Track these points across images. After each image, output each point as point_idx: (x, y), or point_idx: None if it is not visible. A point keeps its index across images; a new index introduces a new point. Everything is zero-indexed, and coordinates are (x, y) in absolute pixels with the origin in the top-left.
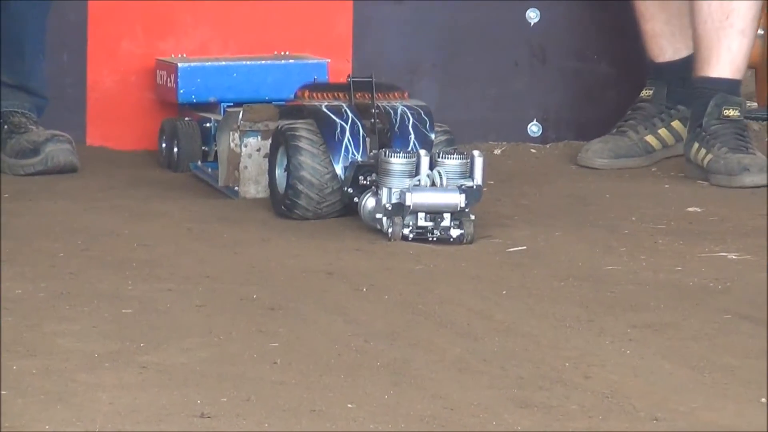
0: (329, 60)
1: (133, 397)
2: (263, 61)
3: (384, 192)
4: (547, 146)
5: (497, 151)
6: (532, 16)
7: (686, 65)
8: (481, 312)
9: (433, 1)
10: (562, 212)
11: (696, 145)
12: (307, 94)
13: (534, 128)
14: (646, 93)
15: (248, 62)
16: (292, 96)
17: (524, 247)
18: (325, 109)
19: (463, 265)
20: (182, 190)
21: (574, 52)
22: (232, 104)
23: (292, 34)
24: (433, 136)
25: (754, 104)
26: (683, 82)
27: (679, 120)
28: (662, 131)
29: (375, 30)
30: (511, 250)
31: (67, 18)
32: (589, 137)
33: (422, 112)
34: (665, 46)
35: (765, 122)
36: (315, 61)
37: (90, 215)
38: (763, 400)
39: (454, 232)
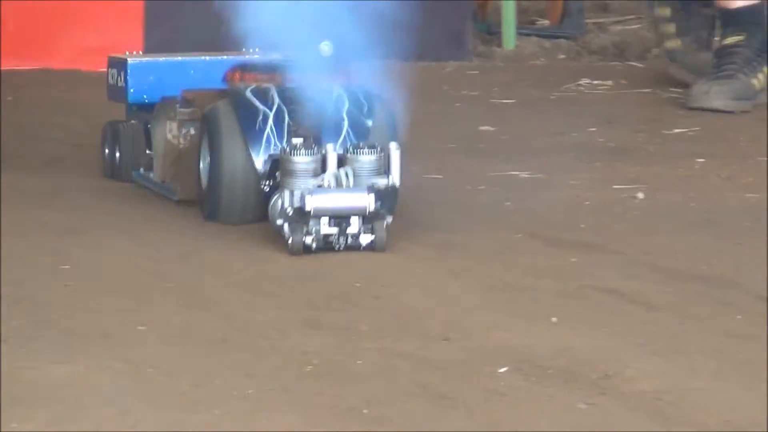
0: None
1: None
2: (223, 57)
3: (285, 194)
4: None
5: None
6: None
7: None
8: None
9: None
10: None
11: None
12: (237, 76)
13: None
14: (736, 39)
15: (207, 58)
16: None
17: None
18: (248, 94)
19: None
20: None
21: None
22: None
23: None
24: (370, 122)
25: (546, 22)
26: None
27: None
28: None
29: None
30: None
31: None
32: None
33: (361, 96)
34: None
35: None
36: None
37: None
38: (554, 319)
39: (364, 239)
